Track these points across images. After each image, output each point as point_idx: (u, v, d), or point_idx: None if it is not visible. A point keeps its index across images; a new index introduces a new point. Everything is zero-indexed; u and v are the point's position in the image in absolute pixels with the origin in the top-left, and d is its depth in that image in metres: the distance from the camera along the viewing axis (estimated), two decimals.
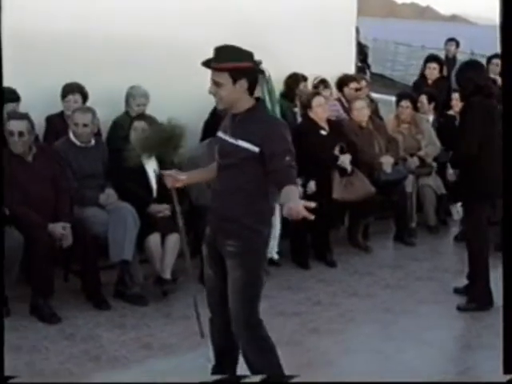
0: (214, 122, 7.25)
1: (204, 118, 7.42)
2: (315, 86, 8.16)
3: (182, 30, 7.21)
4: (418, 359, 5.31)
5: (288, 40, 7.95)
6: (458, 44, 10.97)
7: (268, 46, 7.82)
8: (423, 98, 8.67)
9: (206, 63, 4.29)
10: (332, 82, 8.53)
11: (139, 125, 6.43)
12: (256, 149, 4.15)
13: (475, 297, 6.22)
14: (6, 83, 6.27)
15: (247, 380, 4.20)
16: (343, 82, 8.48)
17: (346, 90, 8.41)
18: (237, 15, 7.55)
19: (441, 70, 9.77)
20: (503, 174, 3.76)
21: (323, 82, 8.23)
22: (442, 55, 10.95)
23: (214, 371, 4.72)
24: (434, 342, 5.66)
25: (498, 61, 9.45)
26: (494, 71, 9.40)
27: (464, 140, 6.07)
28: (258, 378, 4.13)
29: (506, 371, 3.25)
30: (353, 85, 8.38)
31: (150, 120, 6.52)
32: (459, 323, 6.17)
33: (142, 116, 6.65)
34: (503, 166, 3.78)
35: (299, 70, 8.15)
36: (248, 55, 4.34)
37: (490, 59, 9.80)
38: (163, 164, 5.13)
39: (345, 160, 7.34)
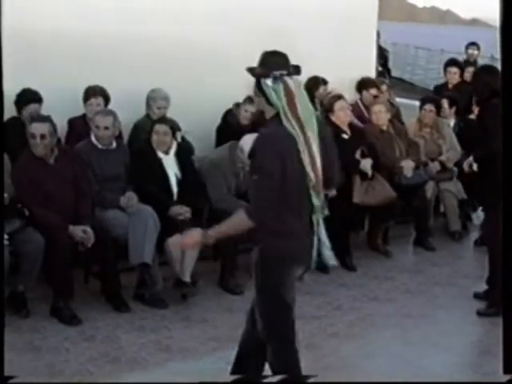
0: (226, 126, 7.29)
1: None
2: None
3: (202, 32, 7.23)
4: (437, 364, 5.30)
5: (308, 43, 7.93)
6: (478, 48, 10.91)
7: (288, 49, 7.85)
8: (444, 103, 8.64)
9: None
10: (352, 85, 8.52)
11: (160, 128, 6.45)
12: None
13: (495, 302, 6.19)
14: (23, 84, 6.39)
15: (265, 380, 4.23)
16: (363, 85, 8.45)
17: (364, 93, 8.39)
18: (257, 17, 7.57)
19: (461, 75, 9.74)
20: (503, 174, 3.71)
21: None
22: (462, 59, 10.90)
23: (234, 371, 4.63)
24: (453, 348, 5.65)
25: None
26: None
27: (487, 140, 6.02)
28: (275, 379, 4.14)
29: (506, 371, 3.23)
30: (373, 91, 8.35)
31: (171, 123, 6.55)
32: (478, 328, 6.15)
33: (163, 119, 6.66)
34: (503, 166, 3.72)
35: (319, 73, 8.14)
36: (266, 60, 4.13)
37: None
38: None
39: (366, 164, 7.33)
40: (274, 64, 4.06)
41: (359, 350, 5.54)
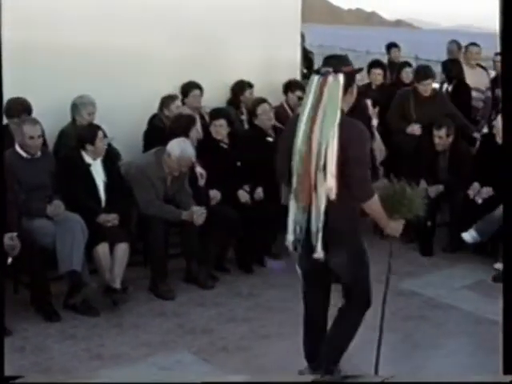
0: (152, 132, 7.29)
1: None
2: None
3: (127, 38, 7.21)
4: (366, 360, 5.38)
5: (234, 47, 8.00)
6: (399, 49, 11.08)
7: (214, 54, 7.92)
8: (368, 103, 8.75)
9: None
10: (278, 88, 8.57)
11: (101, 134, 6.43)
12: None
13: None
14: None
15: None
16: (289, 87, 8.50)
17: (290, 95, 8.44)
18: (183, 24, 7.58)
19: (384, 75, 9.90)
20: (503, 175, 3.70)
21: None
22: (386, 60, 11.07)
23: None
24: (383, 344, 5.73)
25: None
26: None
27: None
28: (310, 378, 4.22)
29: (506, 371, 3.28)
30: (298, 92, 8.41)
31: (102, 129, 6.52)
32: (409, 323, 6.23)
33: (98, 126, 6.61)
34: (503, 166, 3.70)
35: (245, 76, 8.19)
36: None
37: None
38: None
39: None
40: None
41: (292, 350, 5.57)
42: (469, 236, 7.47)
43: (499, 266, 7.28)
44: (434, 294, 6.78)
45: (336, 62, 4.51)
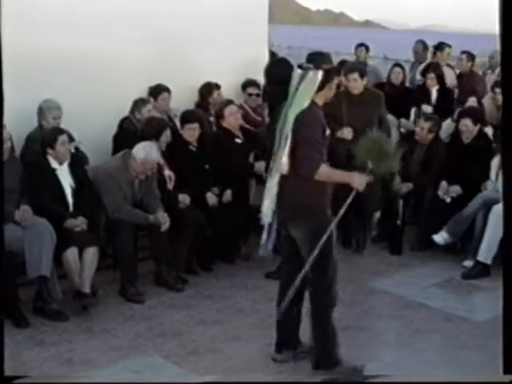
0: (122, 134, 7.27)
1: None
2: None
3: (93, 42, 7.18)
4: None
5: (201, 50, 7.99)
6: (367, 48, 11.13)
7: (181, 57, 7.91)
8: None
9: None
10: None
11: (64, 138, 6.38)
12: None
13: None
14: None
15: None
16: (245, 86, 8.48)
17: (244, 95, 8.44)
18: (152, 26, 7.56)
19: None
20: (503, 175, 3.62)
21: None
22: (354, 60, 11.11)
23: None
24: (354, 343, 5.77)
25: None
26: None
27: None
28: (318, 379, 4.23)
29: (506, 371, 3.29)
30: (250, 89, 8.41)
31: (67, 133, 6.48)
32: (381, 322, 6.27)
33: (62, 129, 6.57)
34: (503, 168, 3.62)
35: (212, 78, 8.18)
36: None
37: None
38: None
39: (260, 167, 7.37)
40: None
41: (262, 352, 5.58)
42: (440, 238, 7.52)
43: (468, 263, 7.36)
44: (404, 292, 6.81)
45: (318, 59, 5.12)
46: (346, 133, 7.47)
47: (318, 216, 4.95)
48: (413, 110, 9.19)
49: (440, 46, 10.33)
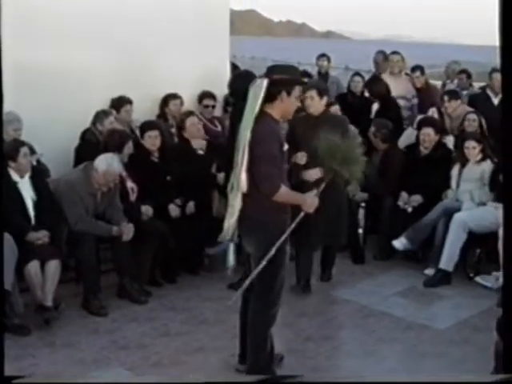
0: (84, 146, 7.26)
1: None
2: None
3: (55, 54, 7.16)
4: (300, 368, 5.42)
5: (163, 61, 8.00)
6: (329, 59, 11.20)
7: (143, 68, 7.91)
8: None
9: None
10: None
11: (26, 150, 6.35)
12: None
13: None
14: None
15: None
16: (202, 98, 8.51)
17: (200, 106, 8.46)
18: (114, 37, 7.56)
19: None
20: (503, 175, 3.61)
21: None
22: (316, 71, 11.18)
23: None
24: (317, 353, 5.80)
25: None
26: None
27: None
28: (254, 378, 4.23)
29: (506, 371, 3.32)
30: (206, 101, 8.44)
31: (28, 145, 6.44)
32: (341, 333, 6.30)
33: (23, 142, 6.53)
34: (503, 167, 3.62)
35: (175, 89, 8.20)
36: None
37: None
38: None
39: (222, 178, 7.39)
40: None
41: (227, 363, 5.59)
42: (399, 244, 7.58)
43: (430, 271, 7.43)
44: (366, 301, 6.85)
45: (272, 70, 4.96)
46: (300, 157, 6.72)
47: (272, 232, 4.89)
48: None
49: (389, 54, 10.37)
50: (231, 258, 5.21)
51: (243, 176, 4.78)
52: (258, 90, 4.79)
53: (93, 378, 5.19)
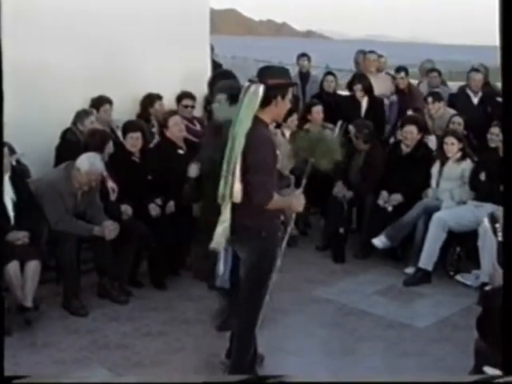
0: (65, 146, 7.23)
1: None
2: None
3: (34, 53, 7.13)
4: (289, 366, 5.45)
5: (143, 61, 8.00)
6: (309, 58, 11.21)
7: (123, 68, 7.90)
8: None
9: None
10: None
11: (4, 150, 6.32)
12: None
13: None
14: None
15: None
16: (180, 98, 8.50)
17: (179, 107, 8.46)
18: (94, 37, 7.54)
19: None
20: (503, 175, 3.63)
21: None
22: (296, 71, 11.19)
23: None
24: (301, 351, 5.81)
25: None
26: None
27: None
28: (233, 379, 4.24)
29: (506, 371, 3.34)
30: (185, 101, 8.44)
31: (8, 145, 6.41)
32: (325, 330, 6.31)
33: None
34: (503, 167, 3.66)
35: (156, 89, 8.19)
36: None
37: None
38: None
39: None
40: None
41: (208, 363, 5.59)
42: (379, 242, 7.61)
43: (410, 270, 7.45)
44: (346, 300, 6.87)
45: (265, 74, 4.79)
46: (192, 169, 6.40)
47: (265, 239, 4.86)
48: (339, 124, 9.11)
49: (365, 53, 10.39)
50: (221, 267, 5.13)
51: (237, 186, 4.68)
52: (254, 97, 4.66)
53: (96, 378, 5.16)
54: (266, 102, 4.70)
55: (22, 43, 7.02)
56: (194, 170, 6.31)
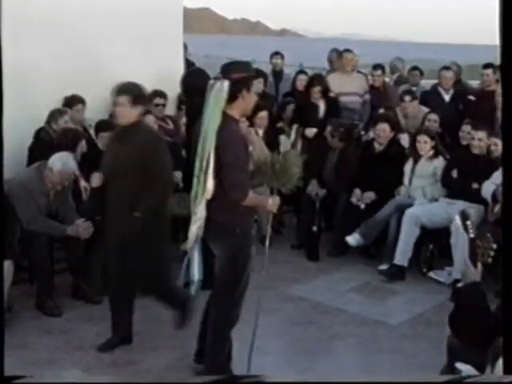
0: (38, 145, 7.19)
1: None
2: None
3: (5, 51, 7.07)
4: (265, 364, 5.44)
5: (117, 59, 7.96)
6: (282, 57, 11.22)
7: (96, 68, 7.87)
8: None
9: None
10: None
11: None
12: None
13: None
14: None
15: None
16: (150, 97, 8.46)
17: (150, 105, 8.40)
18: (67, 37, 7.52)
19: (265, 84, 10.08)
20: (503, 175, 3.63)
21: None
22: (270, 69, 11.20)
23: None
24: (275, 349, 5.82)
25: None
26: None
27: None
28: (208, 379, 4.22)
29: (506, 371, 3.34)
30: (156, 100, 8.42)
31: None
32: (298, 329, 6.33)
33: None
34: (503, 168, 3.64)
35: None
36: None
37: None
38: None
39: (177, 176, 7.39)
40: None
41: (182, 362, 5.57)
42: (352, 239, 7.64)
43: (384, 267, 7.49)
44: (321, 298, 6.90)
45: (228, 69, 4.83)
46: (95, 178, 5.94)
47: (239, 236, 4.90)
48: (294, 128, 9.09)
49: (342, 52, 10.41)
50: (196, 271, 5.11)
51: (210, 183, 4.71)
52: (220, 93, 4.70)
53: (96, 378, 5.15)
54: (232, 97, 4.75)
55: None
56: (96, 180, 5.89)
